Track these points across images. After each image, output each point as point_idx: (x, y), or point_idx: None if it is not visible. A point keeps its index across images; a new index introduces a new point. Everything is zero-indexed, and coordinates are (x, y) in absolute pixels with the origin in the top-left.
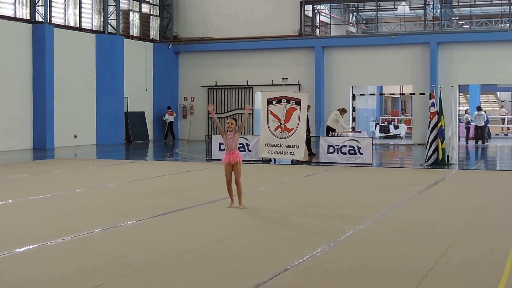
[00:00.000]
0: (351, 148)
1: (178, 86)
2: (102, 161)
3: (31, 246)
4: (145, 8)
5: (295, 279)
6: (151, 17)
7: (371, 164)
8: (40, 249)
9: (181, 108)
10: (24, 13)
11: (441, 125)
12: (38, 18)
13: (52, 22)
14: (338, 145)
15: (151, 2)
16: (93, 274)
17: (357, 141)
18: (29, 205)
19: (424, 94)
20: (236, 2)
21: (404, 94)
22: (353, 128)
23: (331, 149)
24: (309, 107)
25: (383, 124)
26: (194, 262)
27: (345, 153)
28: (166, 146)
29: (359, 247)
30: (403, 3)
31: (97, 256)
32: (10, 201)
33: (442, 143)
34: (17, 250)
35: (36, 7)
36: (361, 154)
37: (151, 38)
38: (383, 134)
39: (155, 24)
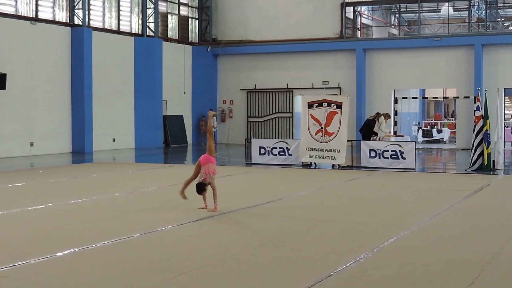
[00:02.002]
0: (394, 153)
1: (217, 89)
2: (140, 165)
3: (72, 250)
4: (184, 11)
5: (339, 285)
6: (190, 19)
7: (414, 169)
8: (81, 253)
9: (219, 112)
10: (62, 16)
11: (487, 129)
12: (77, 21)
13: (91, 25)
14: (380, 150)
15: (189, 4)
16: (135, 278)
17: (400, 146)
18: (69, 208)
19: (468, 97)
20: (275, 4)
21: (447, 97)
22: (395, 132)
23: (373, 154)
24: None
25: (426, 128)
26: (236, 267)
27: (387, 158)
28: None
29: (403, 253)
30: (446, 4)
31: (138, 260)
32: (50, 204)
33: (487, 148)
34: (59, 253)
35: (75, 10)
36: (404, 158)
37: (189, 40)
38: (425, 139)
39: (193, 26)
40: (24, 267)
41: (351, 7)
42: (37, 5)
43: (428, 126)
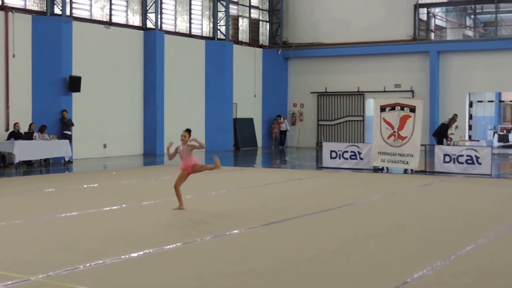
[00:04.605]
0: (469, 158)
1: (287, 92)
2: None
3: (146, 251)
4: (255, 14)
5: None
6: (261, 22)
7: (490, 174)
8: (156, 254)
9: (290, 115)
10: (135, 20)
11: None
12: (149, 25)
13: (163, 29)
14: (455, 155)
15: (260, 7)
16: (208, 280)
17: (475, 150)
18: (142, 210)
19: None
20: (347, 7)
21: None
22: (470, 137)
23: (447, 159)
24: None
25: (502, 133)
26: (310, 272)
27: (462, 163)
28: (275, 153)
29: (481, 261)
30: None
31: (211, 263)
32: (124, 205)
33: None
34: (134, 254)
35: (148, 14)
36: (480, 164)
37: (260, 43)
38: (501, 143)
39: (264, 29)
40: (100, 267)
41: (425, 9)
42: (111, 9)
43: (504, 131)
